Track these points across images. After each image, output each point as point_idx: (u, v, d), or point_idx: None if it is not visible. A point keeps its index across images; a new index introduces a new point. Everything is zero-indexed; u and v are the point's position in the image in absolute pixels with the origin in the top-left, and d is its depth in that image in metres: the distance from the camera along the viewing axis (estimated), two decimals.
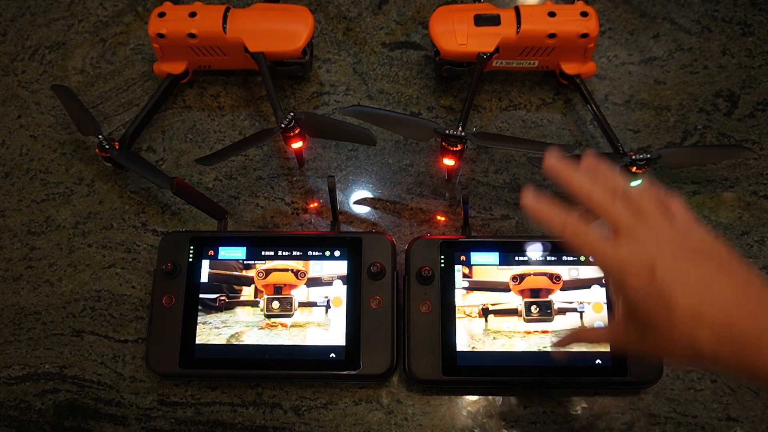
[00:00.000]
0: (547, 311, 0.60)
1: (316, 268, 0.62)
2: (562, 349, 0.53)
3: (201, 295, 0.62)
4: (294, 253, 0.63)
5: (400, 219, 0.68)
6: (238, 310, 0.61)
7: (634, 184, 0.48)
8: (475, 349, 0.59)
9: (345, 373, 0.59)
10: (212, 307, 0.61)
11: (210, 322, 0.61)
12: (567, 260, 0.62)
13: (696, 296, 0.39)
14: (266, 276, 0.62)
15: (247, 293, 0.62)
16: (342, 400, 0.61)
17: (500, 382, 0.60)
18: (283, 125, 0.64)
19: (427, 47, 0.76)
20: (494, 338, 0.60)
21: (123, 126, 0.73)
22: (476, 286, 0.61)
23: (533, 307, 0.61)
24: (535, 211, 0.46)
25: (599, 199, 0.44)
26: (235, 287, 0.62)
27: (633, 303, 0.41)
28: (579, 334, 0.51)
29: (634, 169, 0.65)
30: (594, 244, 0.43)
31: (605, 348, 0.59)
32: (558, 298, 0.61)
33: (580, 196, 0.45)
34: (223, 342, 0.60)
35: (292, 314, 0.61)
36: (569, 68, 0.69)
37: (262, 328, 0.60)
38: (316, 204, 0.69)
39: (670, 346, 0.40)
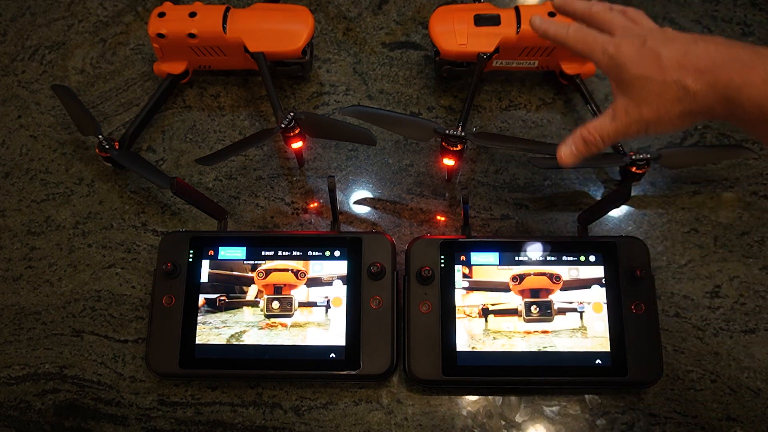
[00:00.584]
0: (547, 311, 0.60)
1: (316, 268, 0.62)
2: (572, 161, 0.52)
3: (201, 295, 0.62)
4: (294, 253, 0.63)
5: (400, 219, 0.68)
6: (238, 310, 0.61)
7: None
8: (475, 349, 0.59)
9: (345, 373, 0.59)
10: (212, 307, 0.61)
11: (210, 322, 0.61)
12: (567, 260, 0.62)
13: (681, 49, 0.45)
14: (266, 276, 0.62)
15: (247, 293, 0.62)
16: (342, 400, 0.61)
17: (500, 382, 0.60)
18: (283, 125, 0.64)
19: (427, 47, 0.76)
20: (494, 338, 0.60)
21: (123, 126, 0.73)
22: (476, 286, 0.61)
23: (533, 307, 0.61)
24: (543, 27, 0.54)
25: (598, 9, 0.52)
26: (235, 287, 0.62)
27: (627, 71, 0.47)
28: (583, 135, 0.50)
29: (634, 169, 0.65)
30: (594, 37, 0.50)
31: (605, 348, 0.59)
32: (558, 298, 0.61)
33: (582, 12, 0.53)
34: (223, 342, 0.60)
35: (292, 314, 0.61)
36: (569, 68, 0.69)
37: (262, 328, 0.60)
38: (316, 204, 0.69)
39: (663, 97, 0.45)
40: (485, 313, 0.60)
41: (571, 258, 0.62)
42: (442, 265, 0.62)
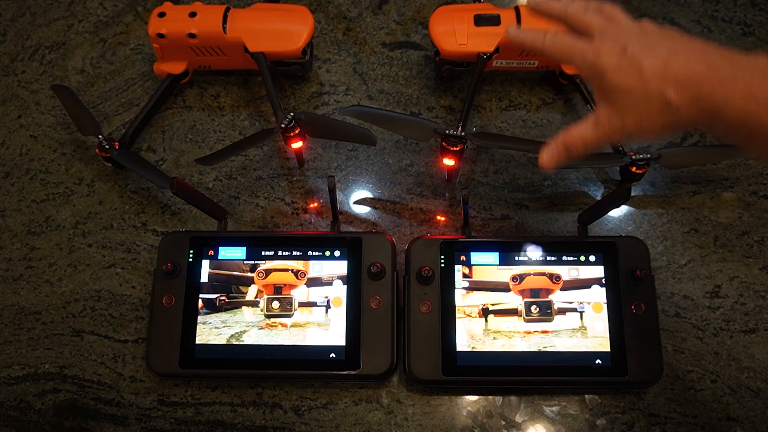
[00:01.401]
0: (547, 311, 0.60)
1: (316, 268, 0.62)
2: (553, 165, 0.51)
3: (201, 295, 0.62)
4: (294, 253, 0.63)
5: (400, 219, 0.68)
6: (238, 310, 0.61)
7: None
8: (475, 349, 0.59)
9: (345, 373, 0.59)
10: (212, 307, 0.61)
11: (210, 322, 0.61)
12: (567, 260, 0.62)
13: (661, 59, 0.44)
14: (266, 276, 0.62)
15: (247, 293, 0.62)
16: (342, 400, 0.61)
17: (500, 382, 0.60)
18: (283, 125, 0.64)
19: (427, 47, 0.76)
20: (494, 338, 0.60)
21: (123, 126, 0.73)
22: (476, 286, 0.61)
23: (533, 307, 0.61)
24: (519, 37, 0.53)
25: (574, 10, 0.51)
26: (235, 287, 0.62)
27: (609, 80, 0.46)
28: (565, 140, 0.50)
29: (634, 169, 0.65)
30: (572, 44, 0.49)
31: (605, 348, 0.59)
32: (558, 298, 0.61)
33: (558, 13, 0.52)
34: (223, 342, 0.60)
35: (292, 314, 0.61)
36: (569, 68, 0.69)
37: (262, 328, 0.60)
38: (316, 204, 0.69)
39: (646, 109, 0.45)
40: (485, 313, 0.60)
41: (571, 258, 0.62)
42: (442, 265, 0.62)
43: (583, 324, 0.60)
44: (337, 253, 0.63)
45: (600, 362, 0.59)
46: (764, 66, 0.42)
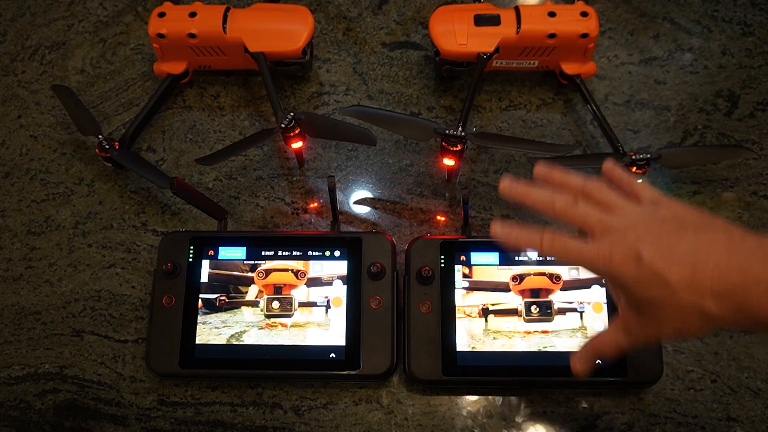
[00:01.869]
0: (547, 311, 0.60)
1: (316, 268, 0.62)
2: (587, 372, 0.49)
3: (201, 295, 0.62)
4: (294, 253, 0.63)
5: (400, 219, 0.68)
6: (238, 310, 0.61)
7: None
8: (475, 349, 0.59)
9: (345, 373, 0.59)
10: (212, 307, 0.61)
11: (210, 322, 0.61)
12: None
13: (687, 269, 0.40)
14: (266, 276, 0.62)
15: (247, 293, 0.62)
16: (342, 400, 0.61)
17: (500, 382, 0.60)
18: (283, 125, 0.64)
19: (427, 47, 0.76)
20: (494, 338, 0.60)
21: (123, 126, 0.73)
22: (476, 286, 0.61)
23: (533, 307, 0.61)
24: (510, 239, 0.45)
25: (561, 205, 0.45)
26: (235, 287, 0.62)
27: (632, 293, 0.42)
28: (595, 347, 0.47)
29: (634, 169, 0.65)
30: (575, 250, 0.43)
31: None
32: (558, 298, 0.61)
33: (543, 209, 0.46)
34: (223, 342, 0.60)
35: (292, 314, 0.61)
36: (569, 68, 0.69)
37: (262, 328, 0.60)
38: (316, 204, 0.69)
39: (683, 320, 0.41)
40: (485, 313, 0.60)
41: None
42: (442, 265, 0.62)
43: (583, 324, 0.60)
44: (337, 253, 0.63)
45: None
46: None
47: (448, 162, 0.66)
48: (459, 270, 0.62)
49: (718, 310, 0.39)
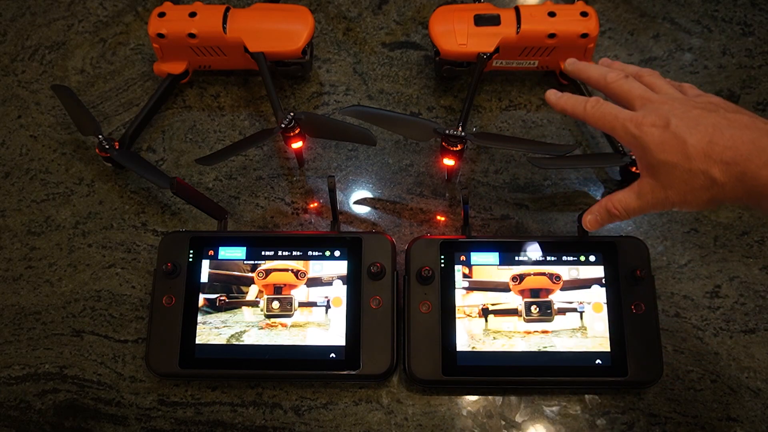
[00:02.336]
0: (547, 311, 0.60)
1: (316, 268, 0.62)
2: (596, 228, 0.54)
3: (201, 295, 0.62)
4: (294, 253, 0.63)
5: (400, 219, 0.68)
6: (238, 310, 0.61)
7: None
8: (475, 349, 0.59)
9: (345, 373, 0.59)
10: (212, 307, 0.61)
11: (210, 322, 0.61)
12: (567, 260, 0.62)
13: (705, 137, 0.44)
14: (266, 276, 0.62)
15: (247, 293, 0.62)
16: (342, 400, 0.61)
17: (500, 382, 0.60)
18: (283, 125, 0.64)
19: (427, 47, 0.76)
20: (494, 338, 0.60)
21: (123, 126, 0.73)
22: (476, 286, 0.61)
23: (533, 307, 0.61)
24: (560, 103, 0.53)
25: (613, 77, 0.51)
26: (236, 287, 0.62)
27: (653, 155, 0.46)
28: (608, 207, 0.51)
29: (634, 169, 0.65)
30: (614, 115, 0.49)
31: (605, 348, 0.59)
32: (558, 298, 0.61)
33: (596, 81, 0.53)
34: (223, 342, 0.60)
35: (292, 314, 0.61)
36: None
37: (262, 328, 0.60)
38: (316, 204, 0.69)
39: (690, 184, 0.45)
40: (485, 313, 0.60)
41: (571, 258, 0.62)
42: (442, 265, 0.62)
43: (583, 324, 0.60)
44: (337, 253, 0.63)
45: (600, 362, 0.59)
46: None
47: (448, 162, 0.66)
48: (459, 270, 0.62)
49: (722, 176, 0.43)
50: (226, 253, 0.63)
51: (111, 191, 0.70)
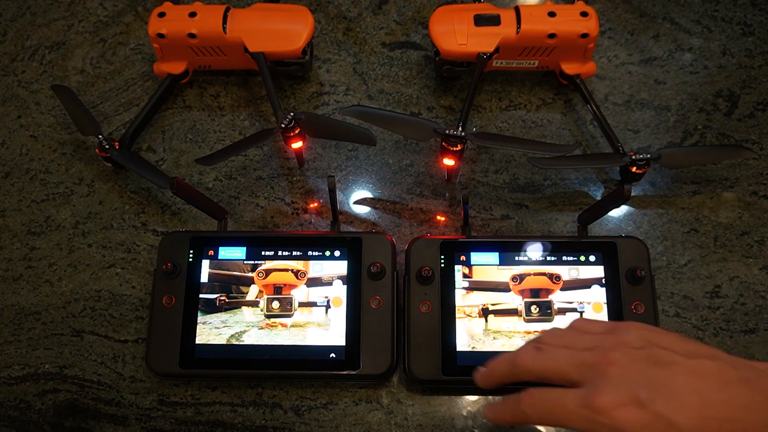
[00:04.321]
0: (547, 311, 0.60)
1: (316, 268, 0.62)
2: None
3: (201, 295, 0.62)
4: (294, 253, 0.63)
5: (400, 219, 0.68)
6: (238, 310, 0.61)
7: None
8: (475, 349, 0.59)
9: (345, 373, 0.59)
10: (212, 307, 0.61)
11: (210, 322, 0.61)
12: (567, 260, 0.62)
13: (694, 411, 0.36)
14: (266, 276, 0.62)
15: (247, 293, 0.62)
16: (342, 400, 0.61)
17: None
18: (283, 125, 0.64)
19: (427, 47, 0.76)
20: (494, 338, 0.60)
21: (123, 126, 0.73)
22: (476, 286, 0.61)
23: (533, 307, 0.61)
24: (496, 418, 0.44)
25: (522, 357, 0.43)
26: (235, 287, 0.62)
27: None
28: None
29: (634, 169, 0.65)
30: (557, 400, 0.40)
31: None
32: (558, 298, 0.61)
33: (509, 374, 0.44)
34: (223, 342, 0.60)
35: (292, 314, 0.61)
36: (569, 68, 0.69)
37: (262, 328, 0.60)
38: (316, 204, 0.69)
39: None
40: (485, 313, 0.60)
41: (571, 258, 0.62)
42: (442, 265, 0.62)
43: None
44: (337, 253, 0.63)
45: None
46: None
47: (448, 162, 0.66)
48: (459, 270, 0.62)
49: None
50: (226, 253, 0.63)
51: (111, 191, 0.70)
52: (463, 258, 0.62)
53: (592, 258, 0.62)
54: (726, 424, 0.36)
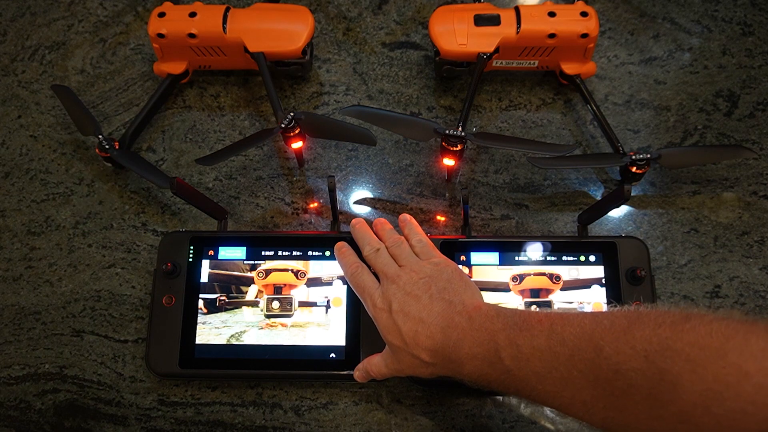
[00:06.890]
0: None
1: (316, 268, 0.62)
2: (360, 378, 0.58)
3: (201, 295, 0.62)
4: (294, 253, 0.63)
5: None
6: (238, 310, 0.61)
7: None
8: None
9: (345, 373, 0.59)
10: (212, 307, 0.61)
11: (210, 322, 0.61)
12: (567, 260, 0.62)
13: (413, 327, 0.51)
14: (266, 276, 0.62)
15: (247, 293, 0.62)
16: (342, 400, 0.61)
17: None
18: (283, 125, 0.64)
19: (427, 47, 0.76)
20: None
21: (123, 126, 0.73)
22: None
23: (533, 307, 0.61)
24: (338, 258, 0.60)
25: (367, 251, 0.58)
26: (235, 287, 0.62)
27: (383, 334, 0.54)
28: (367, 367, 0.57)
29: (634, 169, 0.65)
30: (364, 285, 0.56)
31: None
32: (558, 298, 0.61)
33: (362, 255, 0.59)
34: (223, 342, 0.60)
35: (292, 314, 0.61)
36: (569, 68, 0.69)
37: (262, 328, 0.60)
38: (316, 204, 0.69)
39: (412, 362, 0.52)
40: None
41: (571, 258, 0.62)
42: None
43: None
44: None
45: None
46: (480, 325, 0.49)
47: (448, 162, 0.66)
48: None
49: (431, 359, 0.51)
50: (226, 253, 0.63)
51: (111, 191, 0.70)
52: (463, 258, 0.62)
53: (592, 258, 0.62)
54: (428, 340, 0.51)
